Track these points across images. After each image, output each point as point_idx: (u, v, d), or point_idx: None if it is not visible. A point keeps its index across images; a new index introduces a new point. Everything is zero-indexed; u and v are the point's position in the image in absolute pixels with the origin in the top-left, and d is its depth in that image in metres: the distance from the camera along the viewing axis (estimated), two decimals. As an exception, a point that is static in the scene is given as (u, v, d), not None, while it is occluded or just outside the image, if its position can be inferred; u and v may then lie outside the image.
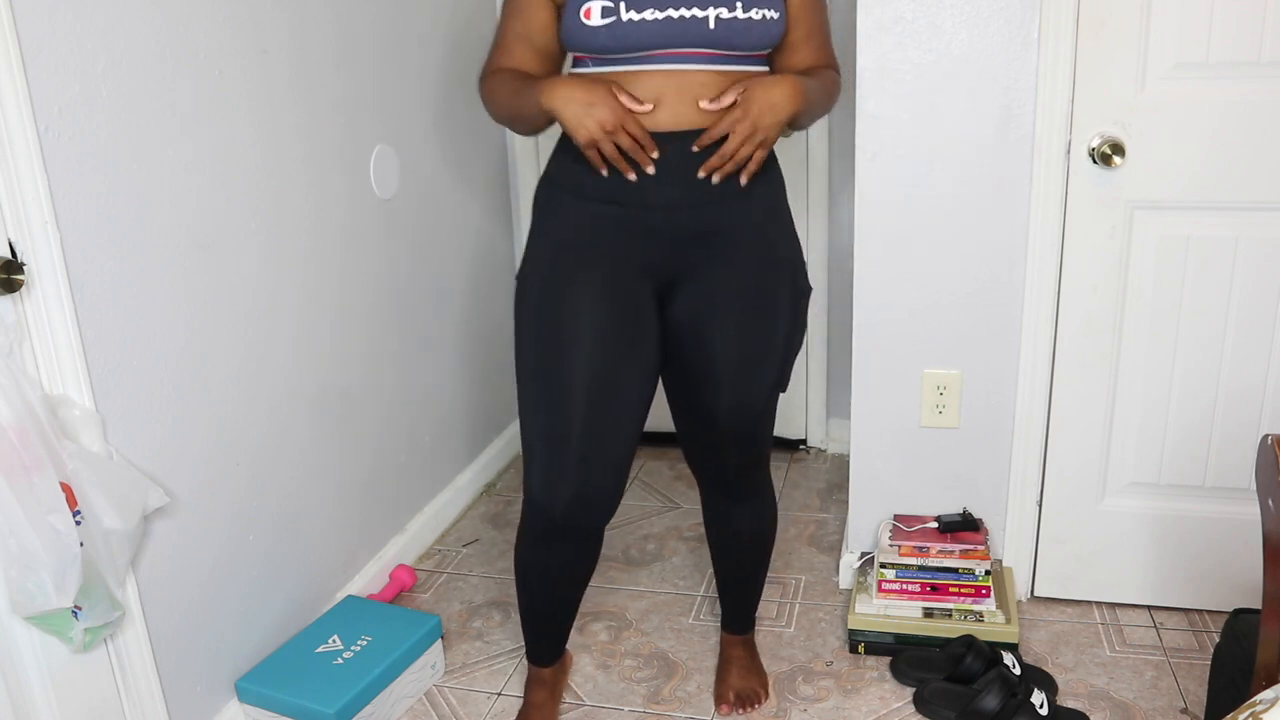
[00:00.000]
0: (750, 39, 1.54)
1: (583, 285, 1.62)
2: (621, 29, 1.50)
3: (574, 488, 1.65)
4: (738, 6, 1.51)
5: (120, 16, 1.60)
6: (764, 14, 1.53)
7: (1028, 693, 1.89)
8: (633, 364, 1.65)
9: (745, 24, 1.52)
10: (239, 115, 1.88)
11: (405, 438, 2.53)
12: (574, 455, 1.63)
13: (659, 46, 1.51)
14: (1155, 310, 2.04)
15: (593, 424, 1.62)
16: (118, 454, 1.63)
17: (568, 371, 1.61)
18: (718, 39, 1.52)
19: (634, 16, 1.49)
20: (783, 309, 1.69)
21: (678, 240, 1.62)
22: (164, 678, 1.76)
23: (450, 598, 2.44)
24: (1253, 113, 1.89)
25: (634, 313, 1.64)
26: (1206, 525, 2.15)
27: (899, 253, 2.12)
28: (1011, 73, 1.97)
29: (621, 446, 1.68)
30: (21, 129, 1.43)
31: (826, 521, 2.70)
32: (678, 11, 1.49)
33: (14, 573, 1.43)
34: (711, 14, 1.50)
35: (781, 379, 1.75)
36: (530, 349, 1.66)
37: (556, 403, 1.62)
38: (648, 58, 1.53)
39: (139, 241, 1.67)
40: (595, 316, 1.62)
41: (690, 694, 2.06)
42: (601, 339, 1.62)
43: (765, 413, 1.77)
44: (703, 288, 1.65)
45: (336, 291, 2.21)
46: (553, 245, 1.65)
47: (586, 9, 1.50)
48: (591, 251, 1.62)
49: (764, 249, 1.66)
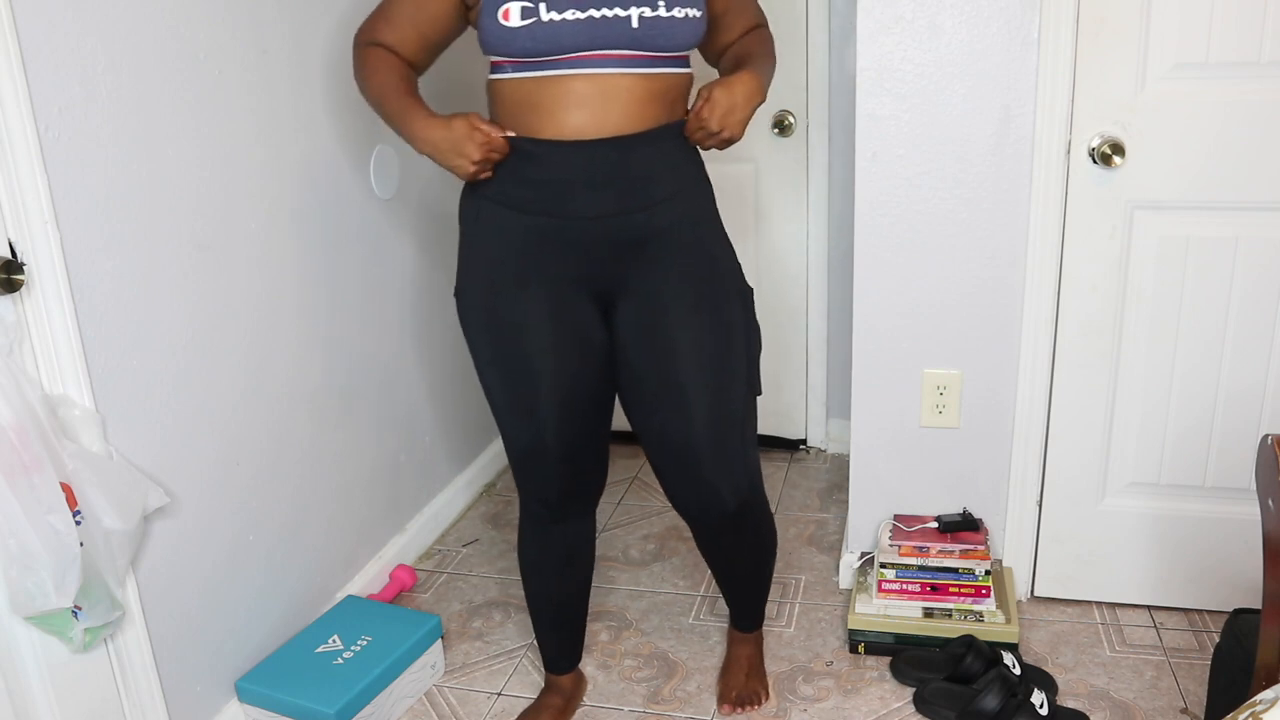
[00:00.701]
0: (674, 39, 1.51)
1: (525, 306, 1.61)
2: (542, 30, 1.46)
3: (559, 486, 1.74)
4: (660, 5, 1.48)
5: (120, 17, 1.60)
6: (687, 12, 1.51)
7: (1028, 693, 1.89)
8: (588, 372, 1.66)
9: (669, 23, 1.49)
10: (239, 115, 1.88)
11: (405, 438, 2.53)
12: (552, 463, 1.71)
13: (581, 49, 1.48)
14: (1155, 310, 2.04)
15: (565, 438, 1.68)
16: (118, 454, 1.63)
17: (531, 396, 1.65)
18: (641, 39, 1.49)
19: (555, 17, 1.45)
20: (734, 309, 1.67)
21: (611, 248, 1.60)
22: (164, 678, 1.77)
23: (450, 598, 2.44)
24: (1253, 113, 1.89)
25: (578, 324, 1.64)
26: (1206, 525, 2.15)
27: (899, 253, 2.12)
28: (1011, 73, 1.97)
29: (596, 444, 1.75)
30: (21, 129, 1.43)
31: (826, 521, 2.70)
32: (600, 11, 1.46)
33: (14, 573, 1.43)
34: (635, 13, 1.47)
35: (753, 383, 1.72)
36: (490, 375, 1.68)
37: (528, 425, 1.67)
38: (569, 61, 1.49)
39: (139, 241, 1.67)
40: (543, 336, 1.62)
41: (690, 694, 2.06)
42: (554, 357, 1.63)
43: (745, 424, 1.71)
44: (649, 297, 1.62)
45: (336, 291, 2.21)
46: (488, 263, 1.63)
47: (505, 10, 1.46)
48: (528, 268, 1.60)
49: (701, 253, 1.65)
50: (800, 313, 2.96)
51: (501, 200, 1.60)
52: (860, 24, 2.01)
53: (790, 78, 2.76)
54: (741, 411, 1.70)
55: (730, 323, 1.66)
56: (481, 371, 1.69)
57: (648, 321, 1.63)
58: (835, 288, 2.91)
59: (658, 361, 1.63)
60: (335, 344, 2.22)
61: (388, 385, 2.44)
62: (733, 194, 2.89)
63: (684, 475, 1.71)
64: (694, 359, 1.62)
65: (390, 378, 2.45)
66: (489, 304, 1.63)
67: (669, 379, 1.63)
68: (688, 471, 1.70)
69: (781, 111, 2.79)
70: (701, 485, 1.70)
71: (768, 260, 2.93)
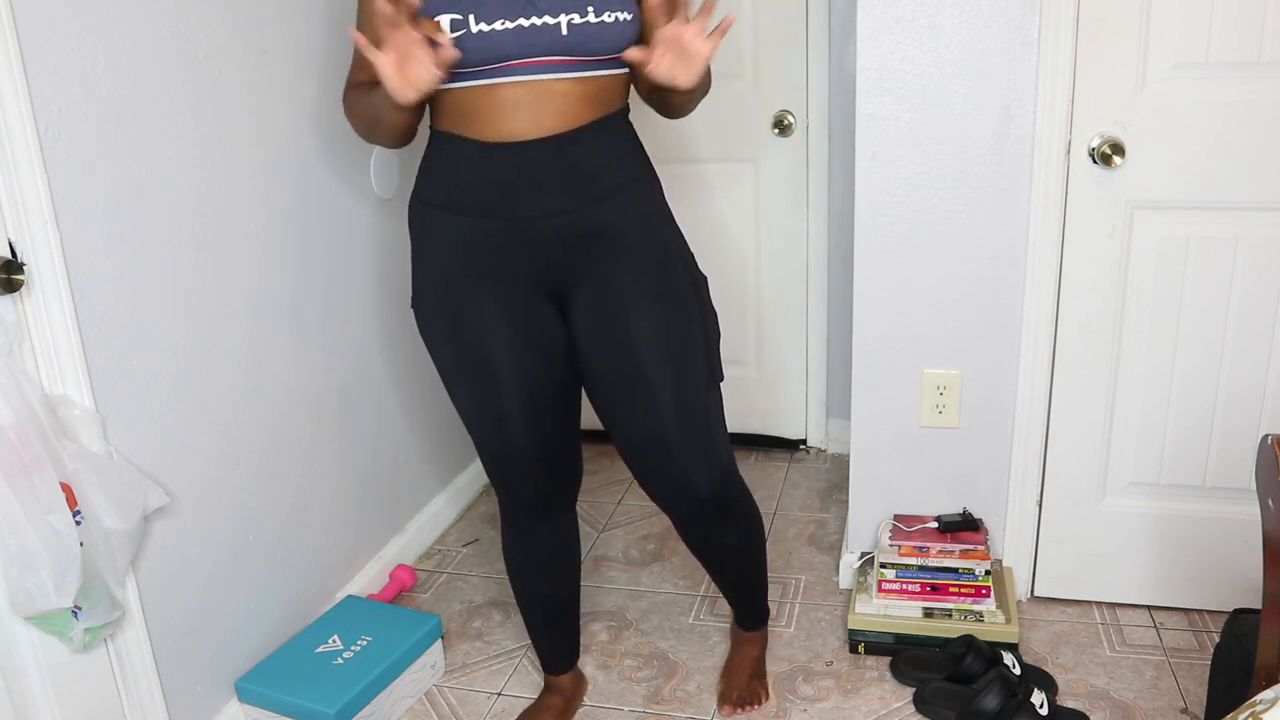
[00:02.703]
0: (604, 43, 1.52)
1: (481, 310, 1.62)
2: (472, 41, 1.47)
3: (534, 487, 1.76)
4: (589, 11, 1.49)
5: (120, 17, 1.60)
6: (616, 16, 1.51)
7: (1028, 693, 1.89)
8: (550, 372, 1.67)
9: (599, 28, 1.50)
10: (239, 115, 1.88)
11: (405, 438, 2.54)
12: (523, 465, 1.73)
13: (513, 57, 1.49)
14: (1155, 310, 2.04)
15: (533, 440, 1.70)
16: (118, 454, 1.63)
17: (495, 400, 1.66)
18: (571, 45, 1.50)
19: (484, 28, 1.47)
20: (688, 297, 1.67)
21: (562, 246, 1.60)
22: (164, 678, 1.77)
23: (450, 598, 2.44)
24: (1253, 113, 1.89)
25: (535, 324, 1.64)
26: (1206, 525, 2.15)
27: (899, 253, 2.12)
28: (1011, 73, 1.97)
29: (566, 442, 1.76)
30: (21, 129, 1.43)
31: (826, 521, 2.70)
32: (529, 20, 1.47)
33: (14, 573, 1.43)
34: (564, 20, 1.48)
35: (714, 371, 1.72)
36: (453, 383, 1.69)
37: (495, 429, 1.69)
38: (503, 70, 1.50)
39: (139, 241, 1.67)
40: (501, 340, 1.63)
41: (690, 694, 2.06)
42: (514, 360, 1.64)
43: (709, 413, 1.70)
44: (603, 291, 1.63)
45: (336, 291, 2.21)
46: (441, 269, 1.64)
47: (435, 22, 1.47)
48: (479, 273, 1.61)
49: (652, 244, 1.65)
50: (800, 313, 2.96)
51: (447, 206, 1.61)
52: (860, 24, 2.01)
53: (790, 77, 2.76)
54: (704, 399, 1.69)
55: (686, 311, 1.66)
56: (445, 379, 1.71)
57: (603, 316, 1.63)
58: (835, 288, 2.91)
59: (616, 355, 1.64)
60: (335, 344, 2.22)
61: (388, 385, 2.44)
62: (733, 194, 2.89)
63: (655, 467, 1.72)
64: (652, 351, 1.63)
65: (390, 378, 2.45)
66: (446, 310, 1.64)
67: (629, 372, 1.64)
68: (659, 462, 1.70)
69: (781, 111, 2.79)
70: (674, 475, 1.71)
71: (768, 260, 2.93)
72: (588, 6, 1.49)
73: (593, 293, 1.63)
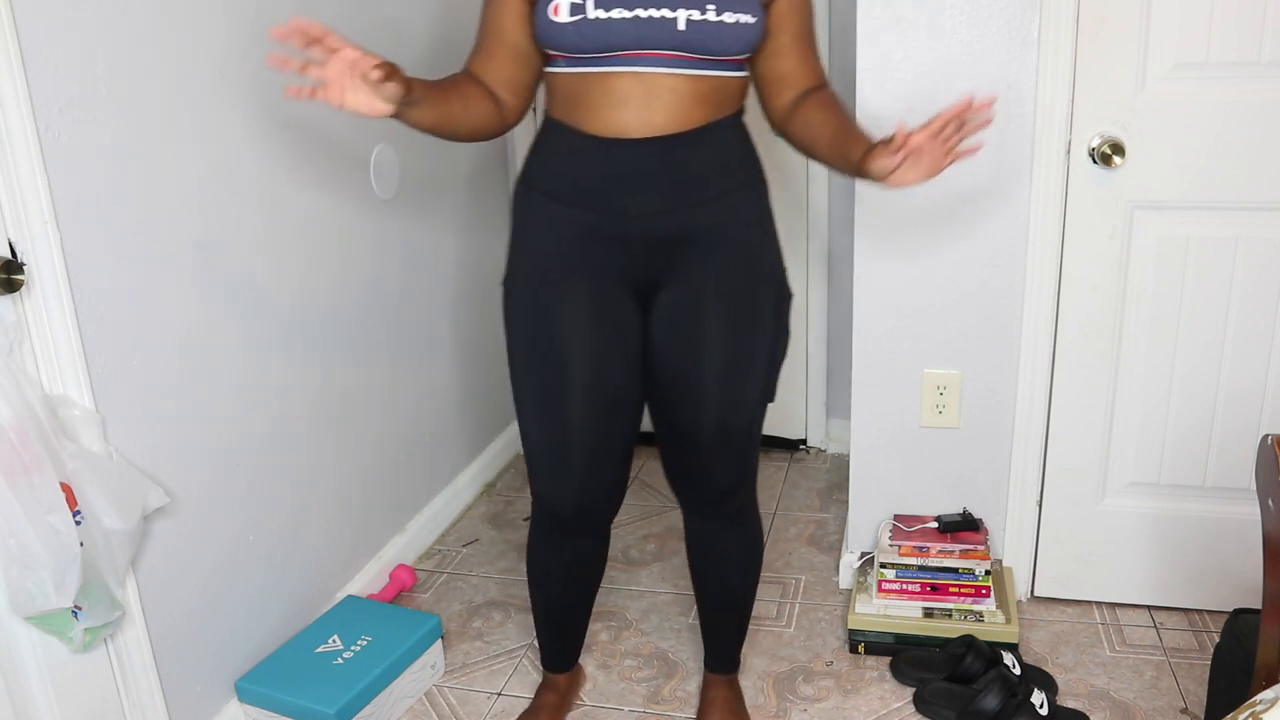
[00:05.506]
0: (722, 43, 1.50)
1: (568, 299, 1.61)
2: (588, 27, 1.47)
3: (578, 493, 1.70)
4: (709, 9, 1.47)
5: (120, 16, 1.60)
6: (738, 18, 1.49)
7: (1028, 693, 1.89)
8: (622, 372, 1.65)
9: (717, 27, 1.48)
10: (239, 115, 1.88)
11: (405, 438, 2.53)
12: (577, 466, 1.67)
13: (627, 47, 1.48)
14: (1155, 310, 2.04)
15: (590, 437, 1.65)
16: (118, 454, 1.63)
17: (561, 389, 1.63)
18: (688, 41, 1.48)
19: (601, 15, 1.46)
20: (766, 314, 1.66)
21: (657, 244, 1.60)
22: (164, 678, 1.76)
23: (450, 598, 2.44)
24: (1253, 113, 1.89)
25: (618, 321, 1.64)
26: (1206, 525, 2.15)
27: (899, 253, 2.12)
28: (1011, 73, 1.97)
29: (620, 450, 1.71)
30: (21, 129, 1.43)
31: (826, 521, 2.70)
32: (646, 11, 1.46)
33: (14, 573, 1.43)
34: (681, 15, 1.47)
35: (768, 390, 1.71)
36: (522, 365, 1.67)
37: (554, 419, 1.65)
38: (617, 59, 1.49)
39: (139, 241, 1.67)
40: (582, 329, 1.62)
41: (690, 694, 2.06)
42: (590, 352, 1.62)
43: (752, 427, 1.71)
44: (685, 293, 1.62)
45: (336, 291, 2.21)
46: (534, 256, 1.64)
47: (555, 5, 1.48)
48: (573, 262, 1.61)
49: (744, 254, 1.63)
50: (800, 313, 2.96)
51: (549, 193, 1.61)
52: (860, 24, 2.01)
53: (790, 78, 2.75)
54: (751, 414, 1.70)
55: (760, 326, 1.66)
56: (514, 362, 1.68)
57: (678, 318, 1.63)
58: (835, 288, 2.91)
59: (682, 359, 1.64)
60: (335, 344, 2.22)
61: (388, 385, 2.44)
62: (733, 194, 2.89)
63: (688, 464, 1.73)
64: (717, 362, 1.63)
65: (391, 377, 2.45)
66: (534, 295, 1.64)
67: (688, 378, 1.64)
68: (691, 460, 1.71)
69: (781, 111, 2.79)
70: (702, 473, 1.72)
71: (768, 260, 2.93)
72: (708, 4, 1.47)
73: (675, 293, 1.63)
